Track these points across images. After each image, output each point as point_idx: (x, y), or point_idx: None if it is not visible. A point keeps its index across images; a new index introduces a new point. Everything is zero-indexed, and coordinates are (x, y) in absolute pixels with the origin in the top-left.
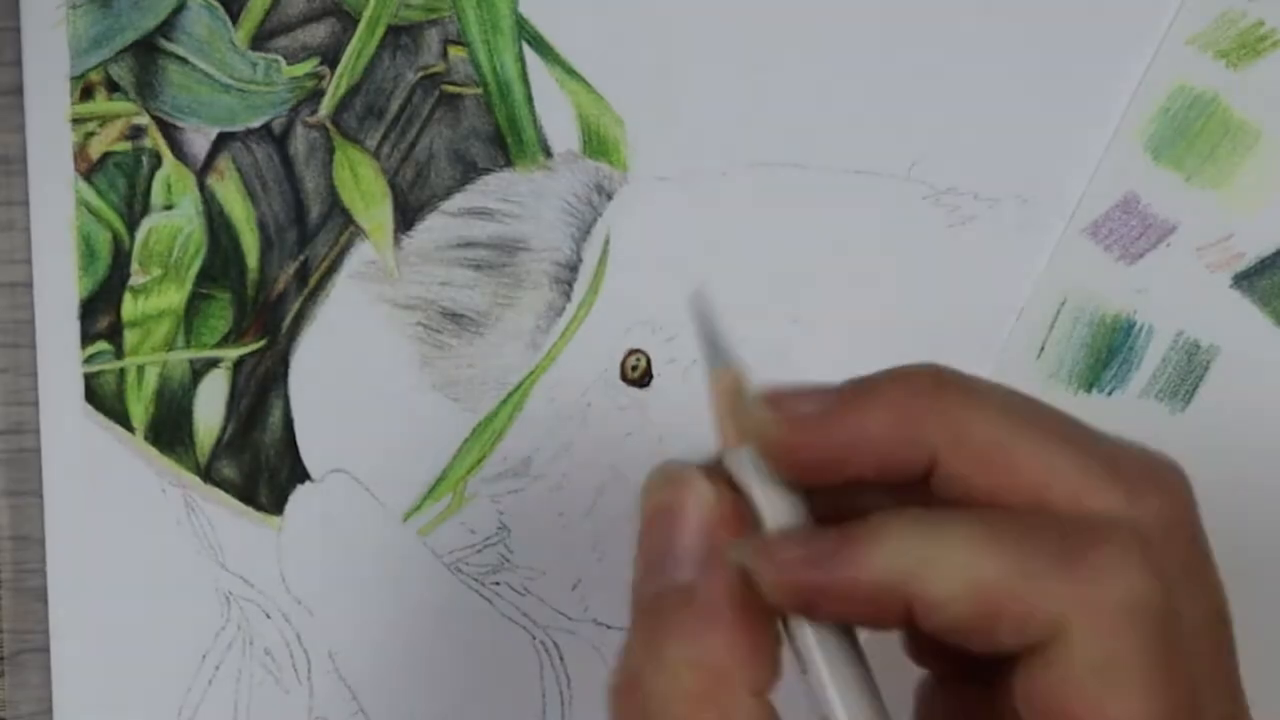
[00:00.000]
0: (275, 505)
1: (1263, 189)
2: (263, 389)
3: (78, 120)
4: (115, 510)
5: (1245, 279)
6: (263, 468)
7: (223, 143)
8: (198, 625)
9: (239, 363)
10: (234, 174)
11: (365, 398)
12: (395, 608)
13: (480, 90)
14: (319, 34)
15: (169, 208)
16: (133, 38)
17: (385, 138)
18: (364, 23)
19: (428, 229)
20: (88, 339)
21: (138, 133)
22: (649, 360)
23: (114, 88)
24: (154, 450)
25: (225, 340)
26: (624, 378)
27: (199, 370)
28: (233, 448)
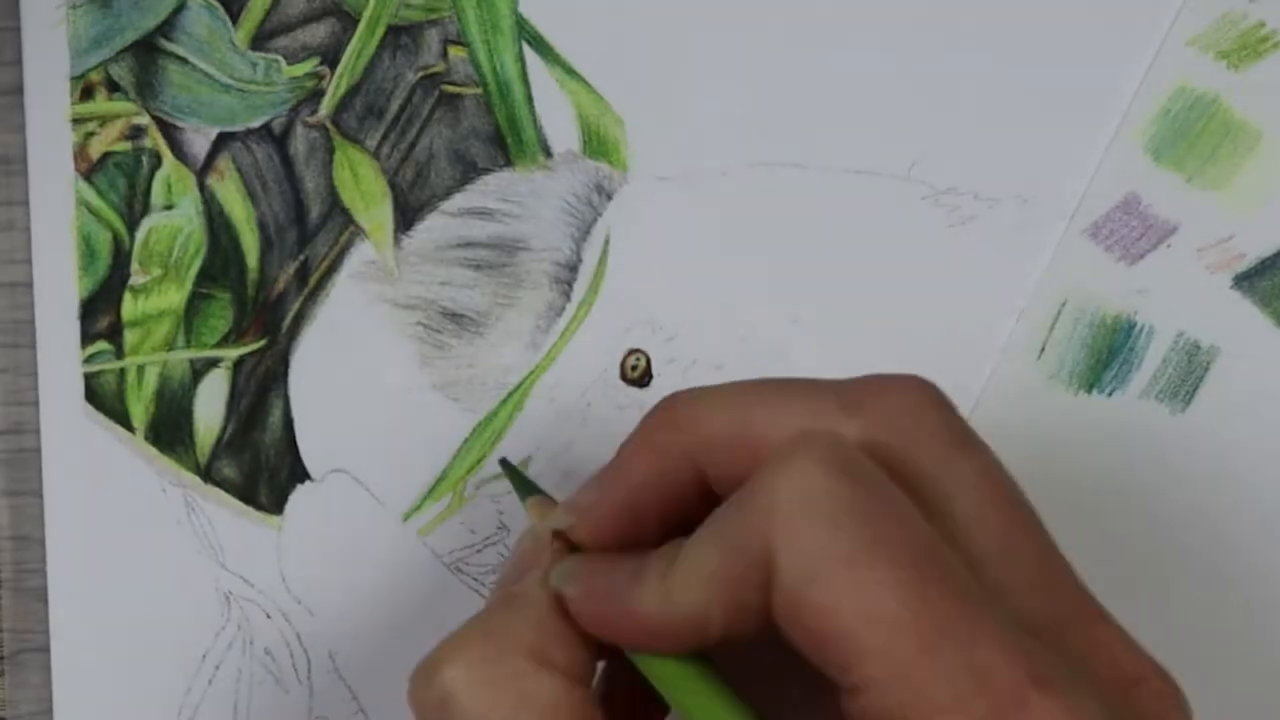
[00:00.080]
0: (275, 505)
1: (1263, 190)
2: (263, 389)
3: (78, 120)
4: (115, 510)
5: (1246, 280)
6: (263, 468)
7: (223, 143)
8: (198, 625)
9: (239, 363)
10: (234, 174)
11: (365, 398)
12: (395, 608)
13: (480, 90)
14: (319, 34)
15: (169, 208)
16: (133, 38)
17: (385, 138)
18: (364, 23)
19: (428, 229)
20: (88, 339)
21: (138, 133)
22: (649, 360)
23: (114, 88)
24: (154, 450)
25: (225, 340)
26: (624, 378)
27: (199, 370)
28: (233, 448)
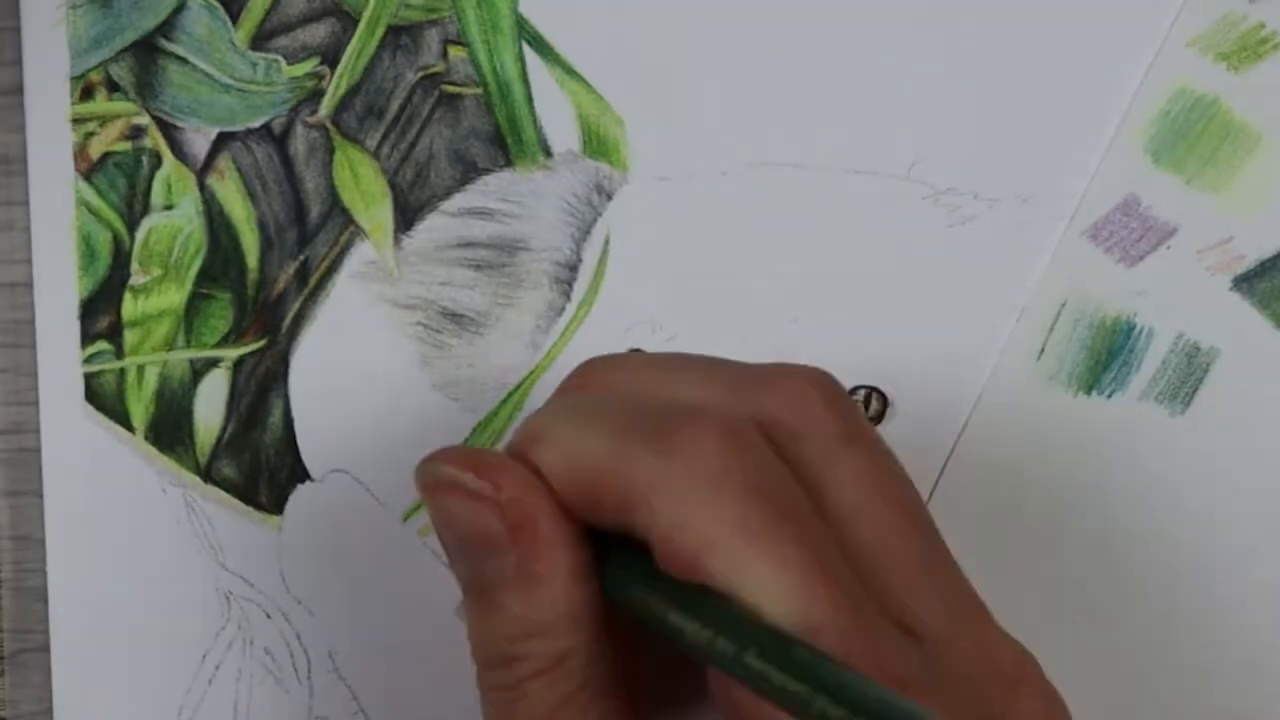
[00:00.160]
0: (275, 505)
1: (1263, 192)
2: (263, 389)
3: (78, 120)
4: (115, 510)
5: (1245, 281)
6: (263, 468)
7: (223, 143)
8: (198, 625)
9: (239, 362)
10: (234, 174)
11: (365, 398)
12: (395, 608)
13: (480, 90)
14: (319, 34)
15: (169, 208)
16: (133, 38)
17: (385, 138)
18: (364, 23)
19: (428, 229)
20: (88, 339)
21: (138, 133)
22: None
23: (114, 88)
24: (154, 450)
25: (225, 340)
26: None
27: (199, 370)
28: (233, 448)
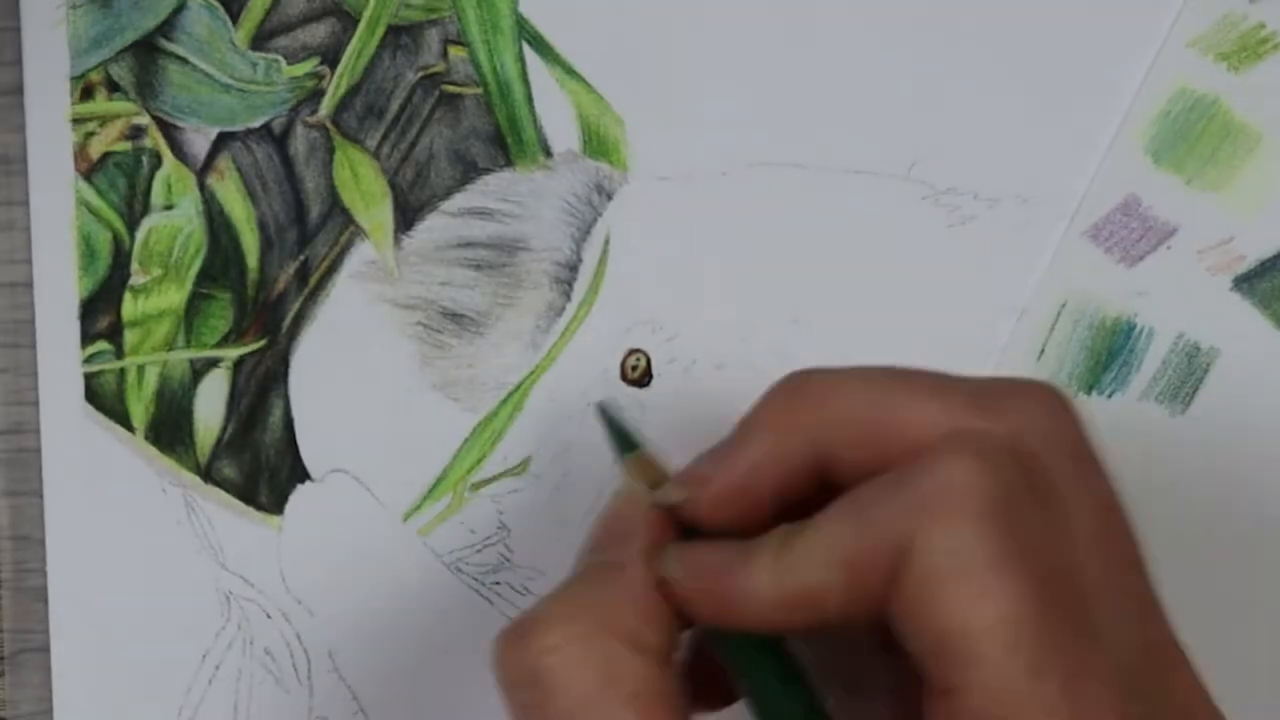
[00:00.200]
0: (275, 505)
1: (1263, 192)
2: (263, 389)
3: (78, 120)
4: (115, 510)
5: (1246, 281)
6: (263, 468)
7: (223, 143)
8: (198, 625)
9: (239, 363)
10: (234, 174)
11: (365, 398)
12: (395, 608)
13: (480, 90)
14: (319, 34)
15: (169, 208)
16: (133, 38)
17: (385, 138)
18: (364, 23)
19: (428, 229)
20: (88, 339)
21: (138, 133)
22: (649, 360)
23: (114, 88)
24: (154, 450)
25: (225, 340)
26: (624, 378)
27: (199, 370)
28: (233, 448)
